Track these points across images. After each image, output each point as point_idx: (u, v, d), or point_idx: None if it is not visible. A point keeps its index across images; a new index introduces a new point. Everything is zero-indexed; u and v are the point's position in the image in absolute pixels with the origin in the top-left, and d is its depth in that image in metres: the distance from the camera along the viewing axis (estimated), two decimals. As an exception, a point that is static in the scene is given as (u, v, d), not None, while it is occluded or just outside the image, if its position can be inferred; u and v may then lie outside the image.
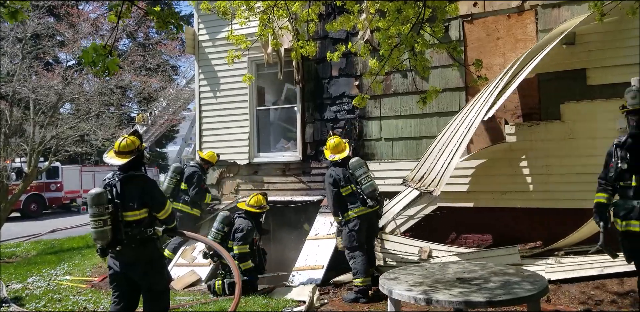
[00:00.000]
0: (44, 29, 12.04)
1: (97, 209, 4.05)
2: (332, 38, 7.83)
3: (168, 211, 4.38)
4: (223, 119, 8.73)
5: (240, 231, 6.19)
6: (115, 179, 4.25)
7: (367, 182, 5.97)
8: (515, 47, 6.91)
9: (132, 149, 4.25)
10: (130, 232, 4.15)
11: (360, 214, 5.94)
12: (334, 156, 6.09)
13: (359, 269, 5.76)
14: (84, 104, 12.50)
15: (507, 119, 6.92)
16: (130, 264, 4.21)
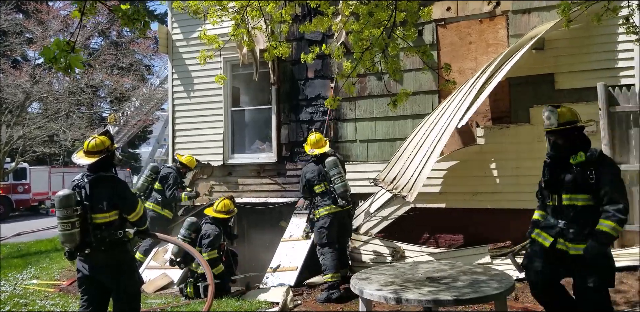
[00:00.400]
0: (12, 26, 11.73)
1: (65, 211, 3.95)
2: (308, 39, 7.85)
3: (139, 213, 4.31)
4: (197, 120, 8.65)
5: (207, 237, 6.12)
6: (84, 181, 4.14)
7: (340, 182, 6.03)
8: (487, 52, 7.06)
9: (101, 149, 4.16)
10: (99, 235, 4.05)
11: (331, 212, 6.04)
12: (314, 150, 6.17)
13: (327, 265, 5.84)
14: (52, 104, 12.22)
15: (479, 121, 7.07)
16: (99, 268, 4.11)
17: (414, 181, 6.16)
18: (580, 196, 3.46)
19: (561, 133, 3.57)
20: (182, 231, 6.31)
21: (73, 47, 2.62)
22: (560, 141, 3.60)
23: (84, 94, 12.79)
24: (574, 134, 3.58)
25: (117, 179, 4.31)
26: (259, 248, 7.75)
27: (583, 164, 3.44)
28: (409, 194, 6.10)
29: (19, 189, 19.77)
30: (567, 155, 3.52)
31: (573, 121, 3.55)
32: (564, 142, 3.58)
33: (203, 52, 4.54)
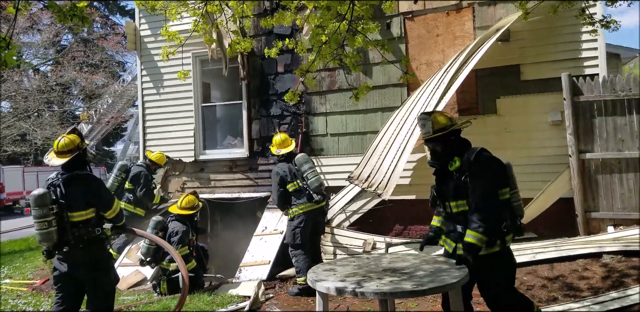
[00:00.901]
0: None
1: (41, 210, 3.92)
2: (277, 34, 7.81)
3: (116, 210, 4.30)
4: (167, 116, 8.57)
5: (176, 234, 6.11)
6: (58, 179, 4.11)
7: (313, 177, 5.99)
8: (454, 44, 7.12)
9: (71, 148, 4.11)
10: (77, 233, 4.04)
11: (306, 211, 5.95)
12: (280, 150, 6.12)
13: (301, 268, 5.76)
14: (21, 102, 11.97)
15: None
16: (77, 265, 4.09)
17: (388, 178, 6.20)
18: (465, 202, 3.36)
19: (438, 140, 3.48)
20: (149, 230, 6.24)
21: (8, 43, 2.58)
22: (438, 148, 3.51)
23: (54, 92, 12.53)
24: (451, 139, 3.50)
25: (91, 176, 4.28)
26: (232, 243, 7.74)
27: (460, 170, 3.37)
28: (384, 191, 6.14)
29: (-8, 188, 19.45)
30: (446, 161, 3.46)
31: (448, 126, 3.47)
32: (442, 148, 3.49)
33: (165, 49, 4.51)
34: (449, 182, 3.45)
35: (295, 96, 4.51)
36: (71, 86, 13.82)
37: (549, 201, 6.32)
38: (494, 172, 3.35)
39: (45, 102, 12.70)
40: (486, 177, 3.30)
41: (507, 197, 3.39)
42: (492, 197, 3.27)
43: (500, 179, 3.36)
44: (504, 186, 3.37)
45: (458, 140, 3.54)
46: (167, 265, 6.25)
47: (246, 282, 6.19)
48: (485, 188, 3.26)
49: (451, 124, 3.49)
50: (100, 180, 4.50)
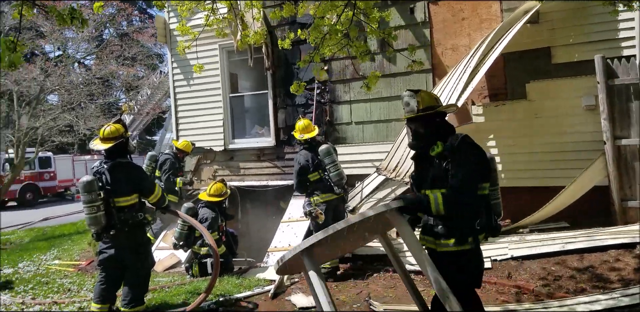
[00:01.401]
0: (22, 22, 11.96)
1: (90, 195, 4.23)
2: (299, 23, 7.80)
3: (158, 194, 4.62)
4: (198, 107, 8.78)
5: (205, 220, 6.34)
6: (103, 167, 4.42)
7: (335, 171, 5.97)
8: (481, 27, 6.91)
9: (116, 136, 4.42)
10: (122, 217, 4.36)
11: (327, 200, 6.04)
12: (303, 135, 6.14)
13: None
14: (65, 95, 12.52)
15: (474, 99, 6.97)
16: (122, 249, 4.43)
17: (415, 166, 6.13)
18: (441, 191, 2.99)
19: (422, 120, 3.14)
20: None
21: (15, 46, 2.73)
22: (421, 130, 3.16)
23: (94, 85, 13.04)
24: (436, 121, 3.14)
25: (132, 164, 4.63)
26: (260, 229, 7.92)
27: (441, 156, 3.04)
28: None
29: (45, 176, 20.55)
30: (428, 145, 3.13)
31: (433, 106, 3.12)
32: (425, 130, 3.14)
33: (181, 43, 4.61)
34: (428, 169, 3.15)
35: (300, 87, 4.52)
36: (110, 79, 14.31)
37: (582, 189, 6.06)
38: (477, 162, 3.00)
39: (88, 95, 13.21)
40: (469, 165, 2.95)
41: (485, 193, 3.06)
42: (472, 187, 2.94)
43: (482, 170, 3.01)
44: (484, 180, 3.04)
45: (443, 124, 3.19)
46: (199, 249, 6.51)
47: (272, 267, 6.34)
48: (465, 175, 2.91)
49: (437, 104, 3.16)
50: (141, 167, 4.85)
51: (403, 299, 5.06)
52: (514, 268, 5.45)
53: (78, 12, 3.03)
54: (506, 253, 5.66)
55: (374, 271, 6.03)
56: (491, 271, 5.46)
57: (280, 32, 7.99)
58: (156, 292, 5.88)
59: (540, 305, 4.48)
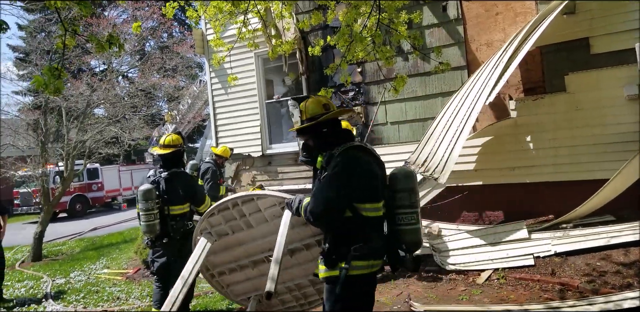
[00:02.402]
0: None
1: (147, 203, 4.43)
2: (332, 27, 7.90)
3: (208, 204, 4.79)
4: (235, 114, 8.99)
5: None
6: (160, 176, 4.67)
7: None
8: (515, 21, 6.82)
9: (175, 144, 4.77)
10: (175, 225, 4.57)
11: None
12: None
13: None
14: (110, 109, 13.06)
15: (511, 94, 6.87)
16: (172, 256, 4.61)
17: (445, 161, 6.08)
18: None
19: (308, 131, 2.75)
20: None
21: (59, 73, 2.92)
22: (310, 142, 2.80)
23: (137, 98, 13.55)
24: (322, 131, 2.72)
25: (187, 173, 4.92)
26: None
27: (322, 168, 2.66)
28: (441, 175, 6.02)
29: (94, 187, 21.38)
30: (315, 158, 2.78)
31: (318, 115, 2.71)
32: (313, 141, 2.77)
33: (216, 56, 4.80)
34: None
35: (329, 93, 4.62)
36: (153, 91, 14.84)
37: (626, 182, 5.86)
38: (349, 178, 2.52)
39: (132, 107, 13.74)
40: (334, 181, 2.52)
41: (375, 215, 2.60)
42: (329, 206, 2.49)
43: (359, 188, 2.53)
44: (368, 199, 2.57)
45: (332, 133, 2.74)
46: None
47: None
48: (323, 192, 2.50)
49: (323, 112, 2.73)
50: (194, 177, 5.00)
51: (444, 300, 5.04)
52: (558, 264, 5.34)
53: (115, 38, 3.24)
54: (549, 249, 5.55)
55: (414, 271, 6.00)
56: (534, 268, 5.38)
57: (313, 36, 8.13)
58: (200, 298, 6.04)
59: (585, 302, 4.38)
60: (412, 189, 2.73)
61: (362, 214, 2.57)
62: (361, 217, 2.57)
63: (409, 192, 2.70)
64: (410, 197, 2.70)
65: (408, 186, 2.72)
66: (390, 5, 4.21)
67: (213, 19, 4.56)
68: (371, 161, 2.69)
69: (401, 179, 2.73)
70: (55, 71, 2.95)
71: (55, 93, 3.00)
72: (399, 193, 2.69)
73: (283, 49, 4.77)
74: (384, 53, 4.37)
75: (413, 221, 2.71)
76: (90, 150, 13.17)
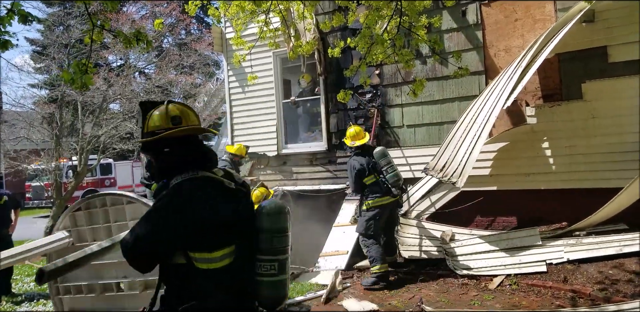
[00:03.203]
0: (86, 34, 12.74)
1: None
2: (352, 29, 7.95)
3: None
4: (252, 113, 9.08)
5: None
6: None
7: (392, 171, 6.07)
8: (534, 28, 6.83)
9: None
10: None
11: (383, 204, 6.04)
12: (354, 142, 6.23)
13: (375, 257, 5.85)
14: (126, 104, 13.21)
15: (528, 100, 6.89)
16: None
17: (463, 166, 6.11)
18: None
19: (149, 148, 2.20)
20: None
21: (87, 68, 3.01)
22: (153, 160, 2.25)
23: (153, 94, 13.69)
24: (163, 151, 2.15)
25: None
26: (313, 233, 8.06)
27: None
28: (459, 180, 6.05)
29: (106, 183, 21.59)
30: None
31: (159, 130, 2.12)
32: (154, 162, 2.22)
33: (237, 55, 4.87)
34: None
35: (347, 95, 4.67)
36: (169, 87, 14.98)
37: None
38: (176, 218, 2.00)
39: (148, 103, 13.85)
40: (150, 219, 2.05)
41: (213, 268, 2.03)
42: (138, 246, 2.01)
43: (187, 233, 1.99)
44: (197, 248, 2.02)
45: (180, 156, 2.15)
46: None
47: (325, 271, 6.48)
48: (136, 231, 2.03)
49: (168, 127, 2.12)
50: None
51: (456, 304, 5.09)
52: (570, 272, 5.37)
53: (143, 34, 3.32)
54: (562, 256, 5.58)
55: (426, 275, 6.05)
56: (547, 274, 5.41)
57: (332, 38, 8.19)
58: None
59: (597, 309, 4.41)
60: (277, 231, 2.15)
61: (194, 264, 2.03)
62: (193, 267, 2.03)
63: (272, 234, 2.13)
64: (272, 241, 2.13)
65: (272, 226, 2.15)
66: (411, 9, 4.25)
67: (235, 18, 4.63)
68: (218, 197, 2.08)
69: (264, 217, 2.16)
70: (82, 66, 3.04)
71: (82, 88, 3.09)
72: (261, 234, 2.14)
73: (304, 50, 4.84)
74: (404, 56, 4.42)
75: (272, 272, 2.13)
76: (104, 145, 13.35)
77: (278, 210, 2.18)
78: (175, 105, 2.21)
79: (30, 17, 3.44)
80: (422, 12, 5.26)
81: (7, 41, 3.30)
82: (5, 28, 3.27)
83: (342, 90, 4.71)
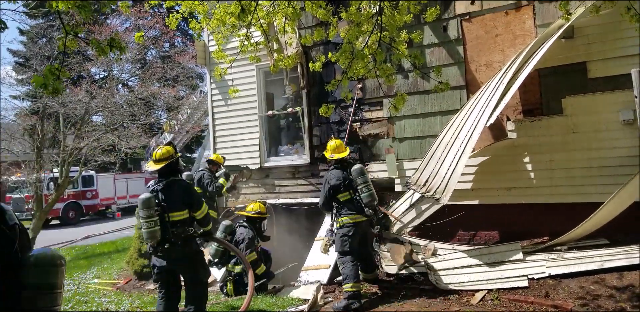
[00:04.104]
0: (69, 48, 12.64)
1: (148, 211, 4.60)
2: (334, 43, 7.96)
3: (204, 211, 4.94)
4: (235, 126, 9.02)
5: (242, 241, 6.40)
6: (159, 185, 4.80)
7: (367, 191, 5.85)
8: (515, 44, 6.92)
9: (167, 157, 4.86)
10: (176, 231, 4.69)
11: (356, 221, 5.87)
12: (334, 155, 6.12)
13: (348, 274, 5.66)
14: (108, 116, 13.08)
15: (509, 115, 6.93)
16: (177, 260, 4.75)
17: (446, 182, 6.09)
18: None
19: None
20: (218, 234, 6.63)
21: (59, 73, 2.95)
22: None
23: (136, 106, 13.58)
24: None
25: (184, 181, 5.06)
26: (295, 246, 7.98)
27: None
28: (442, 196, 6.03)
29: (88, 195, 21.26)
30: None
31: None
32: None
33: (218, 69, 4.86)
34: None
35: (329, 110, 4.65)
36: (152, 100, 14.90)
37: (621, 206, 5.89)
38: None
39: (130, 115, 13.75)
40: None
41: None
42: None
43: None
44: None
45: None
46: (233, 267, 6.59)
47: (306, 285, 6.38)
48: None
49: None
50: (191, 185, 5.17)
51: (439, 319, 5.02)
52: (552, 287, 5.34)
53: (117, 41, 3.27)
54: (544, 271, 5.55)
55: (408, 290, 5.97)
56: (528, 289, 5.37)
57: (315, 51, 8.20)
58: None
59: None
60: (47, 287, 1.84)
61: None
62: None
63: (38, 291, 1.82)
64: (36, 300, 1.82)
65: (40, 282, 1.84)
66: (391, 24, 4.26)
67: (216, 32, 4.63)
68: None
69: (30, 269, 1.89)
70: (55, 71, 2.98)
71: (54, 93, 3.03)
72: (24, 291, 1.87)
73: (285, 64, 4.83)
74: (385, 71, 4.43)
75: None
76: (86, 157, 13.16)
77: (49, 261, 1.85)
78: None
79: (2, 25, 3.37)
80: (403, 27, 5.30)
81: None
82: None
83: (324, 105, 4.69)
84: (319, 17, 4.48)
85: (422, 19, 6.53)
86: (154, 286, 7.36)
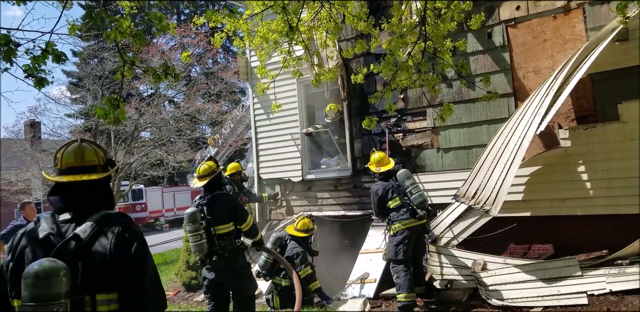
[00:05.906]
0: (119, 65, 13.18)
1: (194, 225, 4.72)
2: (375, 54, 7.91)
3: (249, 223, 5.01)
4: (277, 139, 9.07)
5: (297, 256, 6.38)
6: (204, 200, 4.93)
7: (417, 192, 5.93)
8: (564, 48, 6.65)
9: (209, 172, 4.98)
10: (222, 244, 4.78)
11: (410, 226, 5.86)
12: (379, 168, 6.14)
13: (402, 285, 5.62)
14: (156, 132, 13.48)
15: (561, 123, 6.65)
16: (224, 272, 4.85)
17: (496, 193, 5.87)
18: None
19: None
20: (269, 245, 6.62)
21: (118, 103, 3.01)
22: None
23: (182, 122, 13.96)
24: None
25: (228, 194, 5.19)
26: (339, 259, 7.87)
27: None
28: (492, 207, 5.82)
29: (137, 208, 21.92)
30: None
31: None
32: None
33: (260, 85, 4.92)
34: None
35: (372, 123, 4.58)
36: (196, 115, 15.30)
37: (688, 217, 5.54)
38: None
39: (177, 130, 14.13)
40: None
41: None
42: None
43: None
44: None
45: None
46: (280, 280, 6.55)
47: (353, 299, 6.26)
48: None
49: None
50: (235, 198, 5.31)
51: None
52: (614, 304, 5.03)
53: (171, 68, 3.34)
54: (604, 287, 5.24)
55: (458, 305, 5.78)
56: (588, 306, 5.07)
57: (356, 63, 8.17)
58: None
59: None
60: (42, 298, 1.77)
61: None
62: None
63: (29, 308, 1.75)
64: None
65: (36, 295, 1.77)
66: (435, 34, 4.17)
67: (259, 49, 4.68)
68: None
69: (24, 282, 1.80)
70: (114, 101, 3.06)
71: (115, 123, 3.11)
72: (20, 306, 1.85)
73: (326, 78, 4.82)
74: (430, 81, 4.33)
75: None
76: (136, 171, 13.57)
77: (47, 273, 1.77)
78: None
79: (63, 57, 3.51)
80: (447, 35, 5.19)
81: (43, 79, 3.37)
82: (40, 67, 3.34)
83: (367, 118, 4.64)
84: (360, 29, 4.45)
85: (465, 26, 6.38)
86: (202, 297, 7.43)
